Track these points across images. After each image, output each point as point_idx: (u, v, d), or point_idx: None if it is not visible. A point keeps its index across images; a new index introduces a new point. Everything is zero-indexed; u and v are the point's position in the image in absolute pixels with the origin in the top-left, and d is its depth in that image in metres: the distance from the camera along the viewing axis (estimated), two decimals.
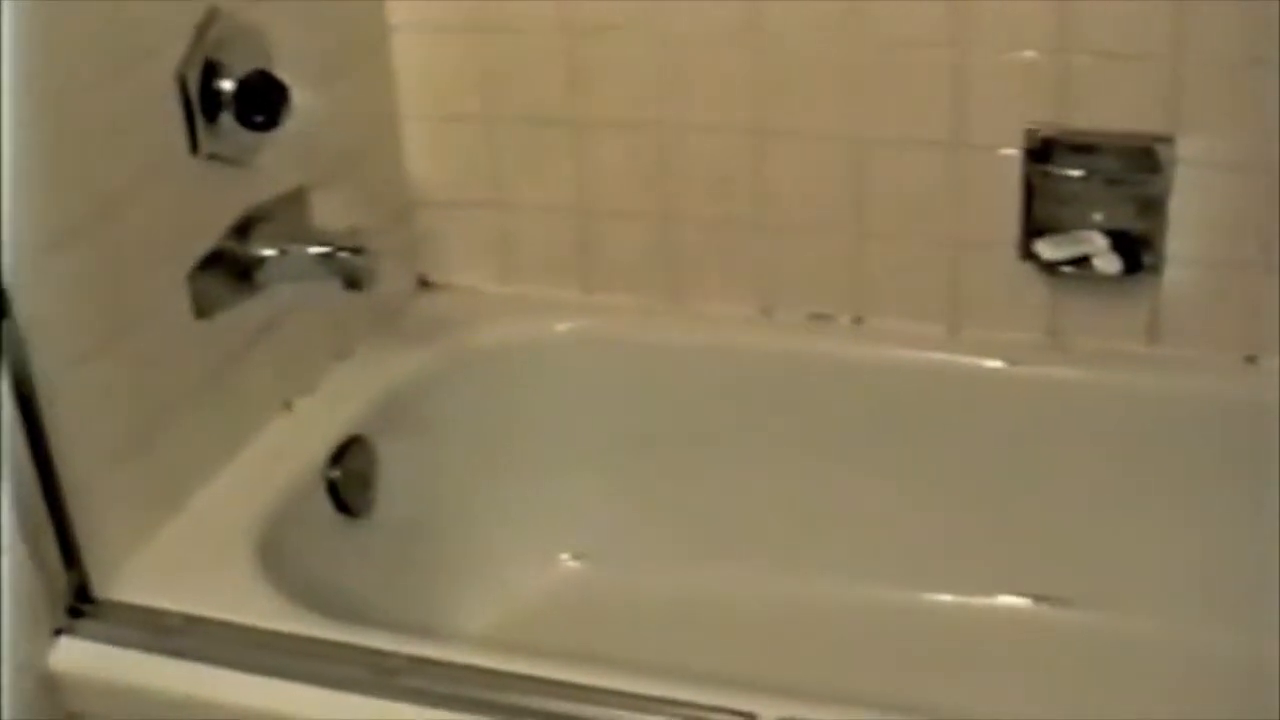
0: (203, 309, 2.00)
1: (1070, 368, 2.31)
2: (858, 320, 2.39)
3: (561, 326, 2.46)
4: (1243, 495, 2.26)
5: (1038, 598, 2.40)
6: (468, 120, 2.44)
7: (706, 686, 1.67)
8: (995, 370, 2.33)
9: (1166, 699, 2.20)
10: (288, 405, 2.20)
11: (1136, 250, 2.23)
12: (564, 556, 2.50)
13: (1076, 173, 2.23)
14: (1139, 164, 2.21)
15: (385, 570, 2.23)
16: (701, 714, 1.62)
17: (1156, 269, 2.25)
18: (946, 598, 2.43)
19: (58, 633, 1.81)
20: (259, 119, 1.99)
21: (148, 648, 1.79)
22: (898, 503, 2.40)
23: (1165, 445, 2.28)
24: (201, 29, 1.94)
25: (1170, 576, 2.33)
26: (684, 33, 2.30)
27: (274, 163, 2.09)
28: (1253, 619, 2.28)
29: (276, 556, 1.93)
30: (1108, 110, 2.21)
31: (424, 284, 2.55)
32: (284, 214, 2.12)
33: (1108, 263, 2.23)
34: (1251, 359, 2.28)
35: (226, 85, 1.96)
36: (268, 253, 2.06)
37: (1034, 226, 2.26)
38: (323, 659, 1.75)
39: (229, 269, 2.04)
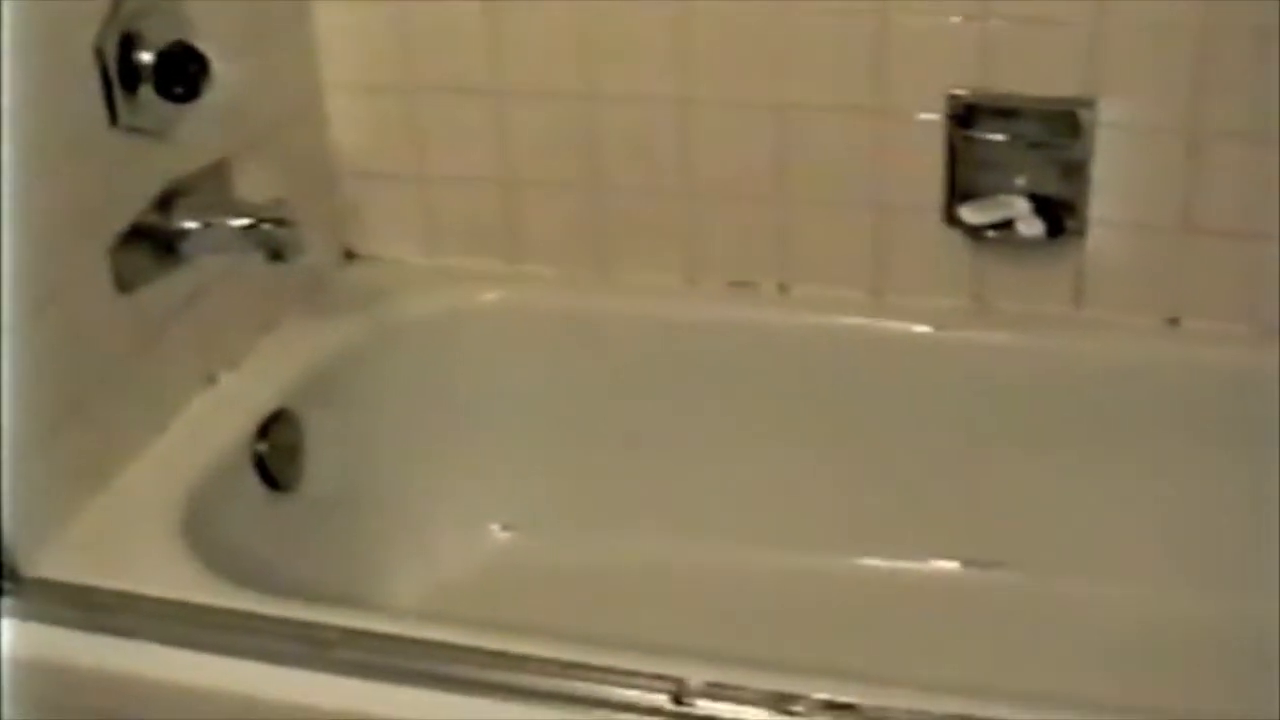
0: (125, 283, 1.98)
1: (995, 331, 2.33)
2: (782, 287, 2.40)
3: (487, 297, 2.46)
4: (1167, 454, 2.29)
5: (968, 561, 2.42)
6: (390, 90, 2.43)
7: (635, 653, 1.67)
8: (920, 335, 2.34)
9: (1096, 658, 2.23)
10: (213, 379, 2.18)
11: (1059, 214, 2.25)
12: (494, 527, 2.50)
13: (999, 137, 2.24)
14: (1061, 128, 2.22)
15: (315, 544, 2.21)
16: (630, 680, 1.62)
17: (1080, 232, 2.26)
18: (877, 563, 2.44)
19: None
20: (179, 90, 1.96)
21: (77, 625, 1.77)
22: (826, 469, 2.41)
23: (1090, 407, 2.30)
24: (118, 0, 1.92)
25: (1097, 537, 2.36)
26: (605, 2, 2.30)
27: (195, 135, 2.07)
28: (1177, 577, 2.31)
29: (205, 532, 1.92)
30: (1030, 74, 2.22)
31: (349, 256, 2.54)
32: (206, 186, 2.11)
33: (1031, 227, 2.24)
34: (1174, 321, 2.30)
35: (145, 57, 1.94)
36: (190, 225, 2.04)
37: (957, 191, 2.27)
38: (256, 633, 1.74)
39: (151, 243, 2.02)
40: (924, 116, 2.25)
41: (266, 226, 2.05)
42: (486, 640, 1.71)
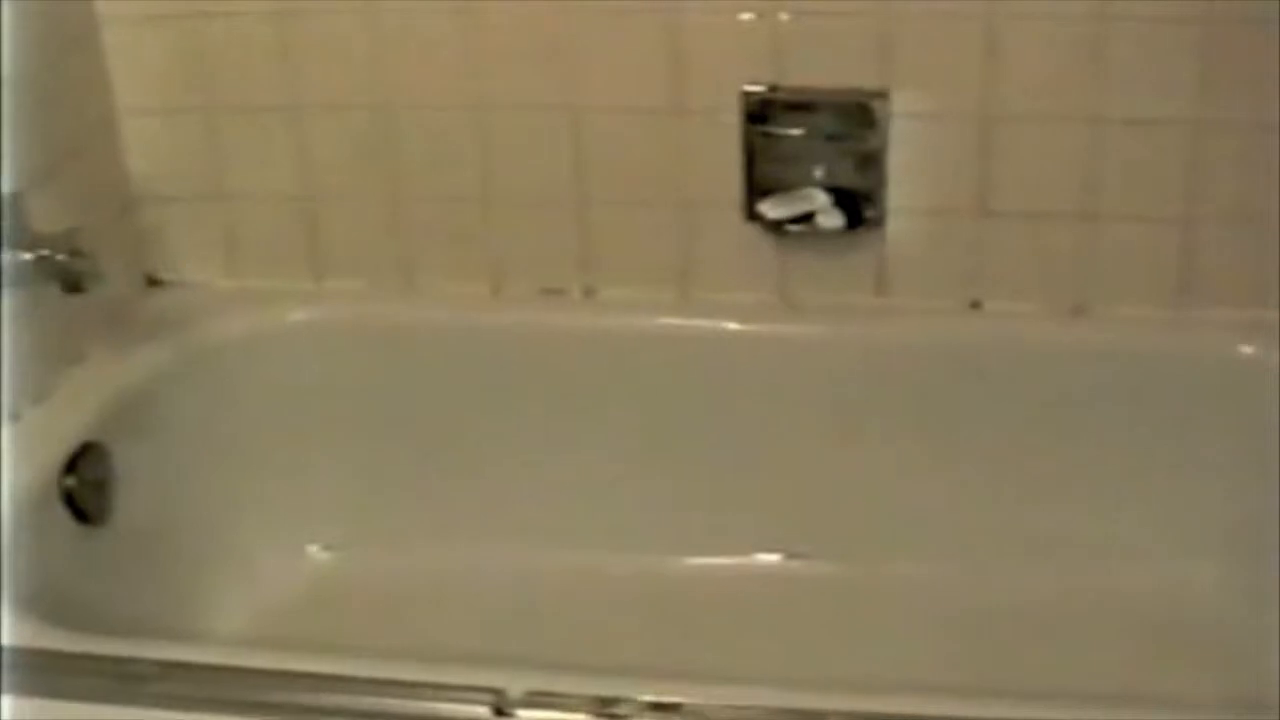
0: None
1: (801, 324, 2.35)
2: (589, 291, 2.40)
3: (294, 316, 2.43)
4: (973, 437, 2.33)
5: (790, 553, 2.43)
6: (184, 111, 2.40)
7: (453, 666, 1.67)
8: (727, 331, 2.36)
9: (921, 641, 2.26)
10: (17, 416, 2.14)
11: (858, 205, 2.27)
12: (313, 548, 2.47)
13: (795, 132, 2.26)
14: (856, 120, 2.24)
15: (131, 577, 2.18)
16: (450, 694, 1.62)
17: (879, 222, 2.29)
18: (700, 560, 2.45)
19: None
20: None
21: None
22: (644, 470, 2.42)
23: (898, 393, 2.33)
24: None
25: (915, 521, 2.39)
26: (394, 11, 2.29)
27: None
28: (997, 557, 2.35)
29: (14, 571, 1.88)
30: (822, 68, 2.24)
31: (153, 282, 2.50)
32: None
33: (831, 219, 2.27)
34: (976, 304, 2.34)
35: None
36: None
37: (757, 187, 2.28)
38: (68, 672, 1.71)
39: None
40: (721, 114, 2.26)
41: (60, 258, 2.02)
42: (304, 664, 1.69)
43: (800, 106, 2.25)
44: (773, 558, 2.44)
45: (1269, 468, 2.22)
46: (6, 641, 1.74)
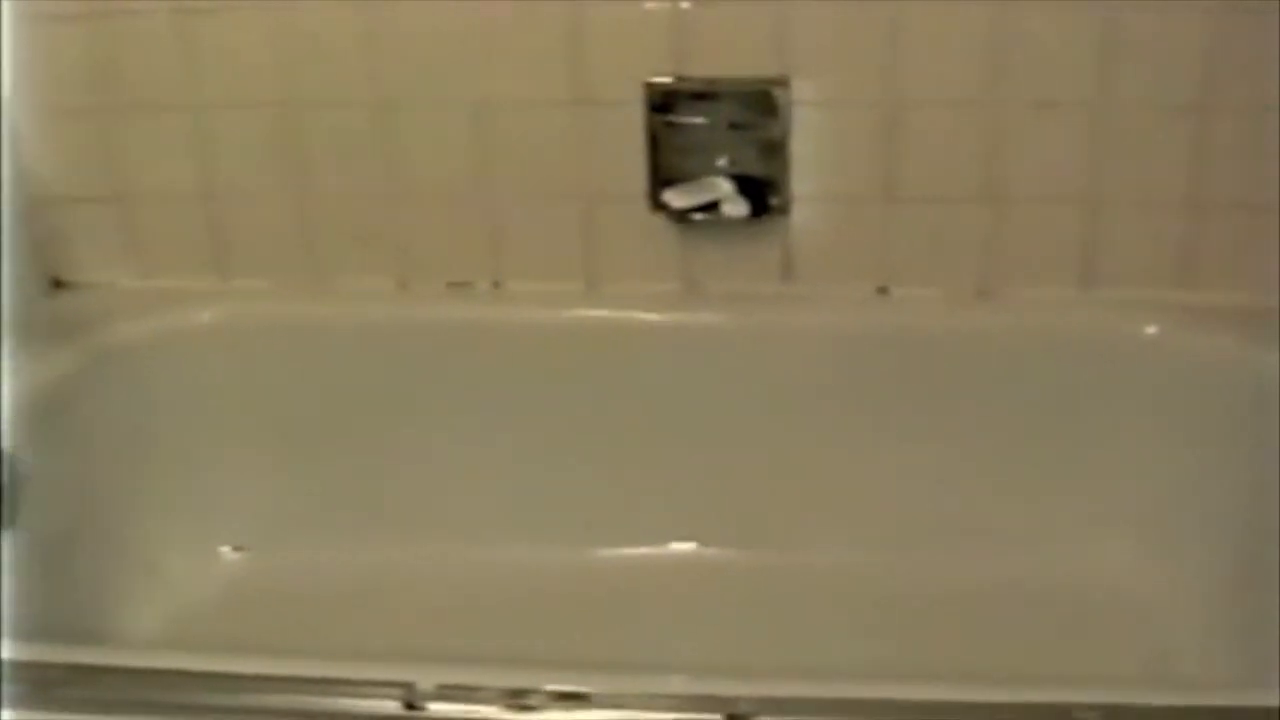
0: None
1: (709, 312, 2.36)
2: (497, 285, 2.40)
3: (201, 316, 2.42)
4: (881, 422, 2.34)
5: (704, 542, 2.44)
6: (87, 112, 2.38)
7: (364, 663, 1.66)
8: (636, 321, 2.36)
9: (831, 628, 2.26)
10: None
11: (763, 192, 2.28)
12: (225, 549, 2.46)
13: (699, 121, 2.26)
14: (758, 108, 2.25)
15: (44, 583, 2.15)
16: (360, 690, 1.61)
17: (784, 209, 2.30)
18: (615, 551, 2.45)
19: None
20: None
21: None
22: (556, 462, 2.42)
23: (808, 381, 2.34)
24: None
25: (826, 510, 2.40)
26: (298, 9, 2.28)
27: None
28: (906, 545, 2.37)
29: None
30: (724, 57, 2.24)
31: (58, 284, 2.48)
32: None
33: (736, 207, 2.27)
34: (883, 290, 2.35)
35: None
36: None
37: (662, 177, 2.29)
38: None
39: None
40: (624, 105, 2.26)
41: None
42: (212, 664, 1.68)
43: (703, 96, 2.25)
44: (687, 546, 2.44)
45: (1177, 445, 2.25)
46: None
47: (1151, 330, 2.28)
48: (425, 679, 1.61)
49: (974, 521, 2.36)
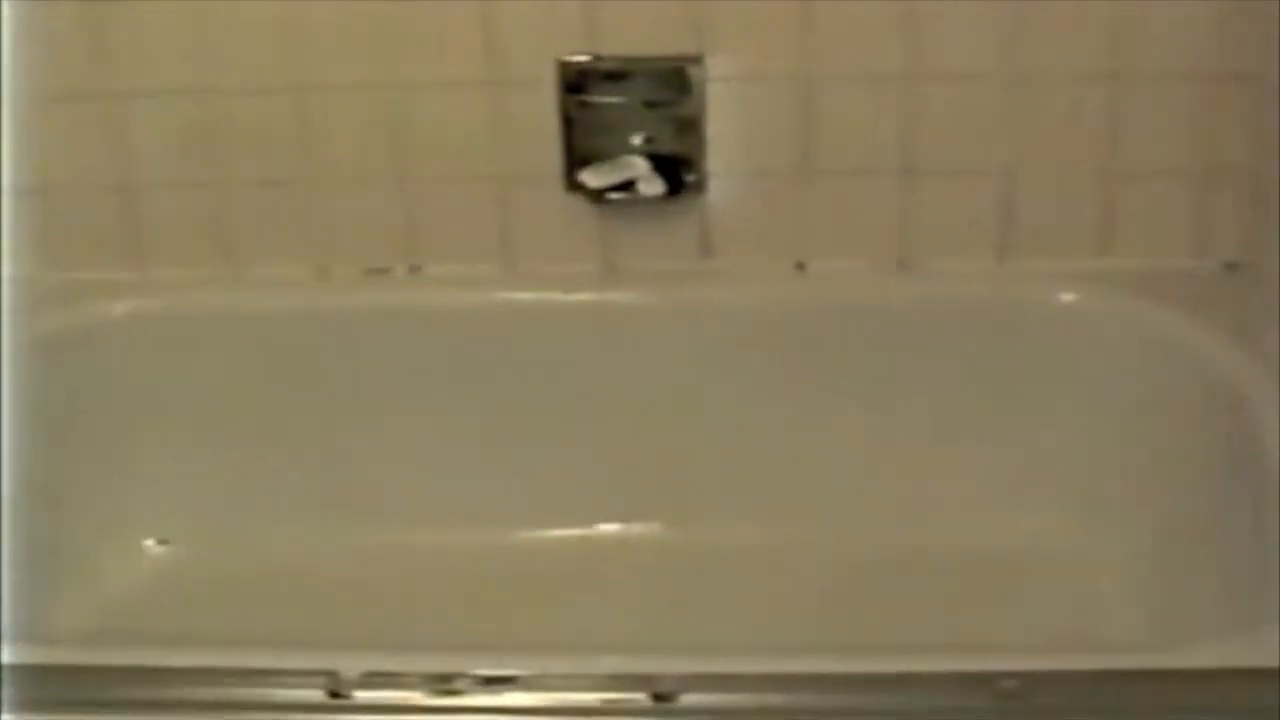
0: None
1: (627, 292, 2.36)
2: (415, 269, 2.39)
3: (119, 308, 2.39)
4: (804, 398, 2.35)
5: (630, 521, 2.44)
6: None
7: (286, 652, 1.65)
8: (554, 302, 2.36)
9: (758, 604, 2.26)
10: None
11: (678, 170, 2.28)
12: (148, 543, 2.44)
13: (613, 100, 2.26)
14: (672, 86, 2.25)
15: None
16: (284, 680, 1.60)
17: (700, 187, 2.30)
18: (542, 533, 2.44)
19: None
20: None
21: None
22: (479, 445, 2.41)
23: (729, 358, 2.34)
24: None
25: (749, 486, 2.40)
26: None
27: None
28: (831, 520, 2.37)
29: None
30: (637, 35, 2.24)
31: None
32: None
33: (652, 185, 2.27)
34: (801, 265, 2.35)
35: None
36: None
37: (577, 157, 2.28)
38: None
39: None
40: (538, 85, 2.26)
41: None
42: (136, 658, 1.67)
43: (617, 75, 2.25)
44: (613, 527, 2.44)
45: (1095, 411, 2.27)
46: None
47: (1068, 298, 2.30)
48: (349, 666, 1.60)
49: (897, 492, 2.37)
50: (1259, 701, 1.52)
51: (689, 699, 1.56)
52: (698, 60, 2.23)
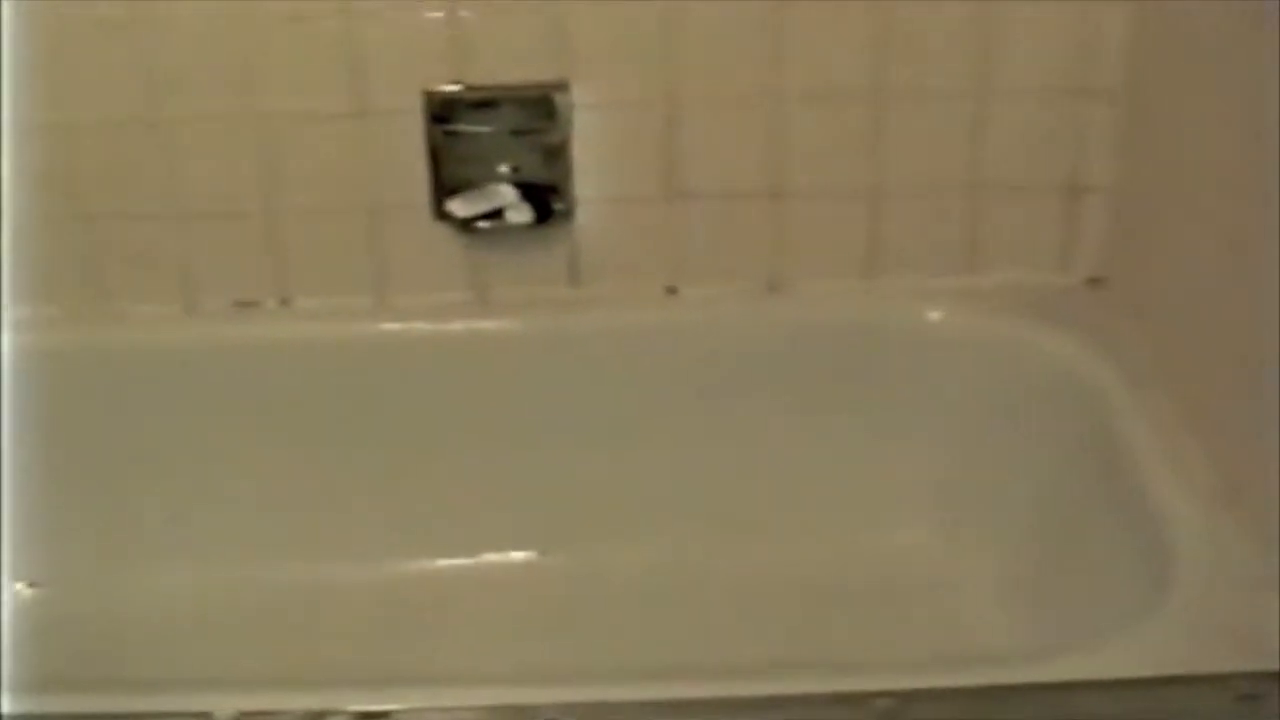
0: None
1: (498, 320, 2.36)
2: (284, 302, 2.37)
3: None
4: (680, 422, 2.36)
5: (506, 550, 2.43)
6: None
7: (159, 694, 1.64)
8: (424, 332, 2.35)
9: (634, 627, 2.27)
10: None
11: (547, 198, 2.28)
12: (19, 586, 2.40)
13: (480, 129, 2.26)
14: (539, 114, 2.25)
15: None
16: None
17: (568, 214, 2.30)
18: (423, 564, 2.43)
19: None
20: None
21: None
22: (354, 479, 2.40)
23: (601, 384, 2.35)
24: None
25: (621, 511, 2.41)
26: (66, 21, 2.21)
27: None
28: (704, 539, 2.38)
29: None
30: (503, 64, 2.24)
31: None
32: None
33: (520, 213, 2.27)
34: (672, 289, 2.36)
35: None
36: None
37: (445, 186, 2.28)
38: None
39: None
40: (404, 116, 2.25)
41: None
42: (5, 705, 1.65)
43: (483, 104, 2.25)
44: (493, 556, 2.43)
45: (964, 427, 2.30)
46: None
47: (934, 316, 2.32)
48: (223, 706, 1.59)
49: (769, 514, 2.39)
50: (1132, 712, 1.54)
51: None
52: (563, 87, 2.24)
